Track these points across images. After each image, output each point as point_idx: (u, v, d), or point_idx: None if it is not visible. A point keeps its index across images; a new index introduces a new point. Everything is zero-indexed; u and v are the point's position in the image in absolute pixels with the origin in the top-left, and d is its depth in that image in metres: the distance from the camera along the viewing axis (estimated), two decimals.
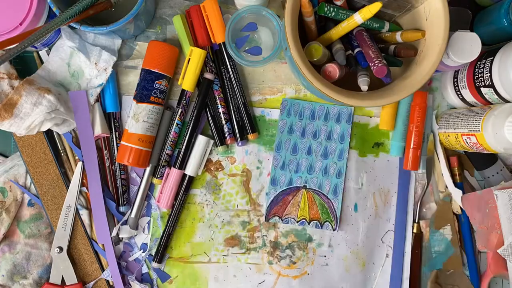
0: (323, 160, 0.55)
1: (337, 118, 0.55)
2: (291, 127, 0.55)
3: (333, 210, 0.55)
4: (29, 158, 0.53)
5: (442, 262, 0.55)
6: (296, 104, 0.55)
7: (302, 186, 0.55)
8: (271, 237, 0.56)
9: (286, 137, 0.55)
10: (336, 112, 0.55)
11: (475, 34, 0.46)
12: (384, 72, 0.42)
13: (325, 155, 0.55)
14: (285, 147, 0.55)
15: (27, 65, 0.54)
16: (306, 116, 0.55)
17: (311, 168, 0.55)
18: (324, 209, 0.55)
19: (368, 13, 0.42)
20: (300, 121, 0.55)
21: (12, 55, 0.41)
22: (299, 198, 0.55)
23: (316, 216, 0.55)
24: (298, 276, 0.55)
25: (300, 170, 0.55)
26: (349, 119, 0.55)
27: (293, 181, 0.55)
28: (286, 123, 0.55)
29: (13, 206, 0.53)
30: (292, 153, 0.55)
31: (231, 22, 0.50)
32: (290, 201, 0.55)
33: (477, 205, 0.52)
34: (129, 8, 0.45)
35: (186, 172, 0.54)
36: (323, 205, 0.55)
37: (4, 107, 0.47)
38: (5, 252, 0.53)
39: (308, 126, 0.55)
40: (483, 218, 0.52)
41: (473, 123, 0.48)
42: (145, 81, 0.51)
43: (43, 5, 0.47)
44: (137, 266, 0.55)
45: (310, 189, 0.55)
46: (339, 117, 0.55)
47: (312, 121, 0.55)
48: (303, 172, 0.55)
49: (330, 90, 0.42)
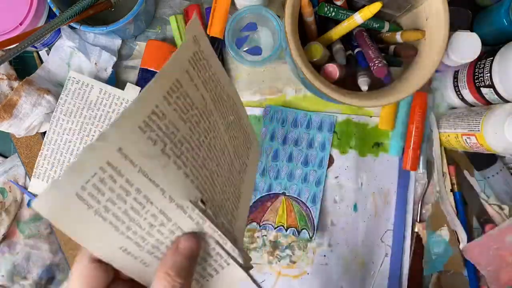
0: (303, 168, 0.55)
1: (319, 126, 0.55)
2: (273, 134, 0.55)
3: (311, 218, 0.55)
4: (27, 160, 0.53)
5: (443, 264, 0.55)
6: (279, 111, 0.55)
7: (281, 193, 0.55)
8: (271, 237, 0.56)
9: (267, 143, 0.55)
10: (318, 120, 0.55)
11: (475, 34, 0.46)
12: (384, 72, 0.42)
13: (305, 163, 0.55)
14: (266, 153, 0.55)
15: (27, 65, 0.54)
16: (289, 123, 0.55)
17: (291, 175, 0.55)
18: (302, 217, 0.55)
19: (368, 13, 0.42)
20: (283, 128, 0.55)
21: (12, 55, 0.41)
22: (278, 205, 0.55)
23: (294, 224, 0.55)
24: (298, 275, 0.55)
25: (280, 177, 0.55)
26: (331, 128, 0.55)
27: (273, 187, 0.55)
28: (268, 130, 0.55)
29: (13, 206, 0.53)
30: (273, 159, 0.55)
31: (231, 22, 0.50)
32: (269, 207, 0.55)
33: (479, 251, 0.54)
34: (129, 8, 0.45)
35: None
36: (301, 212, 0.55)
37: (3, 107, 0.47)
38: (5, 253, 0.53)
39: (290, 134, 0.55)
40: (488, 261, 0.53)
41: (473, 123, 0.48)
42: (143, 80, 0.51)
43: (43, 5, 0.47)
44: None
45: (289, 196, 0.55)
46: (321, 125, 0.55)
47: (294, 129, 0.55)
48: (283, 178, 0.55)
49: (330, 90, 0.42)
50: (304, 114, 0.55)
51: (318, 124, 0.55)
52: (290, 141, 0.55)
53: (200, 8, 0.53)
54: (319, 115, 0.55)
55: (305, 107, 0.56)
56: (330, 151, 0.56)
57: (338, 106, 0.56)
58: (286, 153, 0.55)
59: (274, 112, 0.55)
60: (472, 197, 0.56)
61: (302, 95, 0.56)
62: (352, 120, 0.56)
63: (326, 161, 0.55)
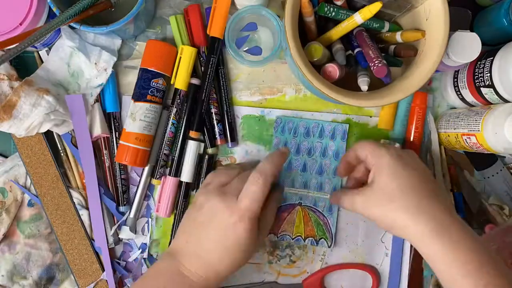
0: (318, 177, 0.55)
1: (332, 135, 0.55)
2: (285, 145, 0.55)
3: (329, 227, 0.55)
4: (28, 159, 0.53)
5: None
6: (290, 121, 0.55)
7: (297, 203, 0.55)
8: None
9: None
10: (331, 129, 0.55)
11: (475, 34, 0.46)
12: (384, 72, 0.42)
13: (320, 172, 0.55)
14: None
15: (27, 65, 0.54)
16: (301, 133, 0.55)
17: (306, 185, 0.55)
18: (320, 226, 0.55)
19: (368, 13, 0.42)
20: (295, 138, 0.55)
21: (12, 55, 0.41)
22: (295, 215, 0.55)
23: (312, 233, 0.55)
24: (298, 275, 0.55)
25: (295, 187, 0.55)
26: (344, 136, 0.55)
27: (288, 198, 0.55)
28: (280, 141, 0.55)
29: (13, 206, 0.53)
30: (287, 170, 0.55)
31: (231, 22, 0.50)
32: (286, 218, 0.55)
33: None
34: (129, 8, 0.45)
35: (181, 179, 0.53)
36: (319, 222, 0.55)
37: (3, 108, 0.47)
38: (4, 252, 0.53)
39: (303, 143, 0.55)
40: None
41: (473, 123, 0.48)
42: (142, 80, 0.51)
43: (43, 5, 0.47)
44: (137, 266, 0.55)
45: (305, 206, 0.55)
46: (334, 134, 0.55)
47: (307, 138, 0.55)
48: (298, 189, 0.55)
49: (330, 90, 0.42)
50: (316, 123, 0.55)
51: (330, 133, 0.55)
52: (303, 151, 0.55)
53: (200, 8, 0.53)
54: (331, 124, 0.55)
55: (306, 107, 0.56)
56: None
57: (338, 106, 0.56)
58: (300, 163, 0.55)
59: (285, 123, 0.55)
60: (472, 197, 0.56)
61: (302, 95, 0.56)
62: (352, 120, 0.56)
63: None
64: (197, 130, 0.52)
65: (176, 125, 0.53)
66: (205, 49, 0.54)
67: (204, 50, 0.54)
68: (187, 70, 0.51)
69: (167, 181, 0.53)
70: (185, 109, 0.53)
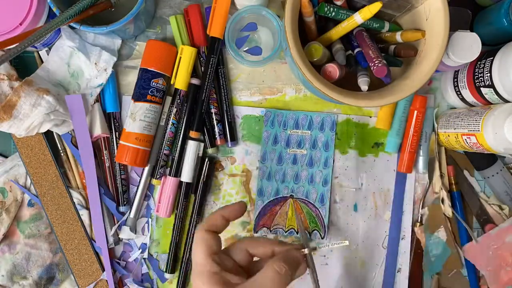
0: (309, 169, 0.55)
1: (321, 126, 0.55)
2: (275, 138, 0.55)
3: (321, 218, 0.55)
4: (28, 159, 0.53)
5: (441, 264, 0.56)
6: (280, 114, 0.55)
7: (289, 195, 0.55)
8: (271, 237, 0.55)
9: (270, 148, 0.55)
10: (319, 120, 0.55)
11: (475, 34, 0.46)
12: (384, 72, 0.42)
13: (310, 164, 0.55)
14: (270, 158, 0.55)
15: (27, 65, 0.54)
16: (290, 125, 0.55)
17: (297, 177, 0.55)
18: (312, 218, 0.55)
19: (368, 13, 0.42)
20: (284, 131, 0.55)
21: (12, 55, 0.41)
22: (287, 208, 0.55)
23: (304, 225, 0.55)
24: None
25: (286, 180, 0.55)
26: (333, 126, 0.55)
27: (280, 191, 0.55)
28: (270, 134, 0.55)
29: (13, 206, 0.53)
30: (278, 163, 0.55)
31: (231, 22, 0.50)
32: (278, 212, 0.55)
33: (480, 252, 0.54)
34: (129, 8, 0.45)
35: (182, 179, 0.54)
36: (311, 213, 0.55)
37: (3, 108, 0.47)
38: (5, 252, 0.53)
39: (292, 136, 0.55)
40: (488, 261, 0.54)
41: (473, 123, 0.48)
42: (142, 80, 0.51)
43: (43, 5, 0.47)
44: (137, 266, 0.55)
45: (297, 198, 0.55)
46: (323, 125, 0.55)
47: (296, 131, 0.55)
48: (289, 181, 0.55)
49: (330, 90, 0.42)
50: (305, 115, 0.55)
51: (319, 124, 0.55)
52: (293, 144, 0.55)
53: (200, 8, 0.53)
54: (319, 115, 0.55)
55: (305, 107, 0.56)
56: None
57: (338, 106, 0.56)
58: (290, 156, 0.55)
59: (274, 116, 0.55)
60: (472, 197, 0.56)
61: (302, 95, 0.56)
62: (352, 120, 0.56)
63: (331, 160, 0.55)
64: (197, 130, 0.52)
65: (176, 125, 0.53)
66: (205, 49, 0.54)
67: (204, 50, 0.54)
68: (187, 70, 0.51)
69: (167, 181, 0.53)
70: (185, 109, 0.53)
